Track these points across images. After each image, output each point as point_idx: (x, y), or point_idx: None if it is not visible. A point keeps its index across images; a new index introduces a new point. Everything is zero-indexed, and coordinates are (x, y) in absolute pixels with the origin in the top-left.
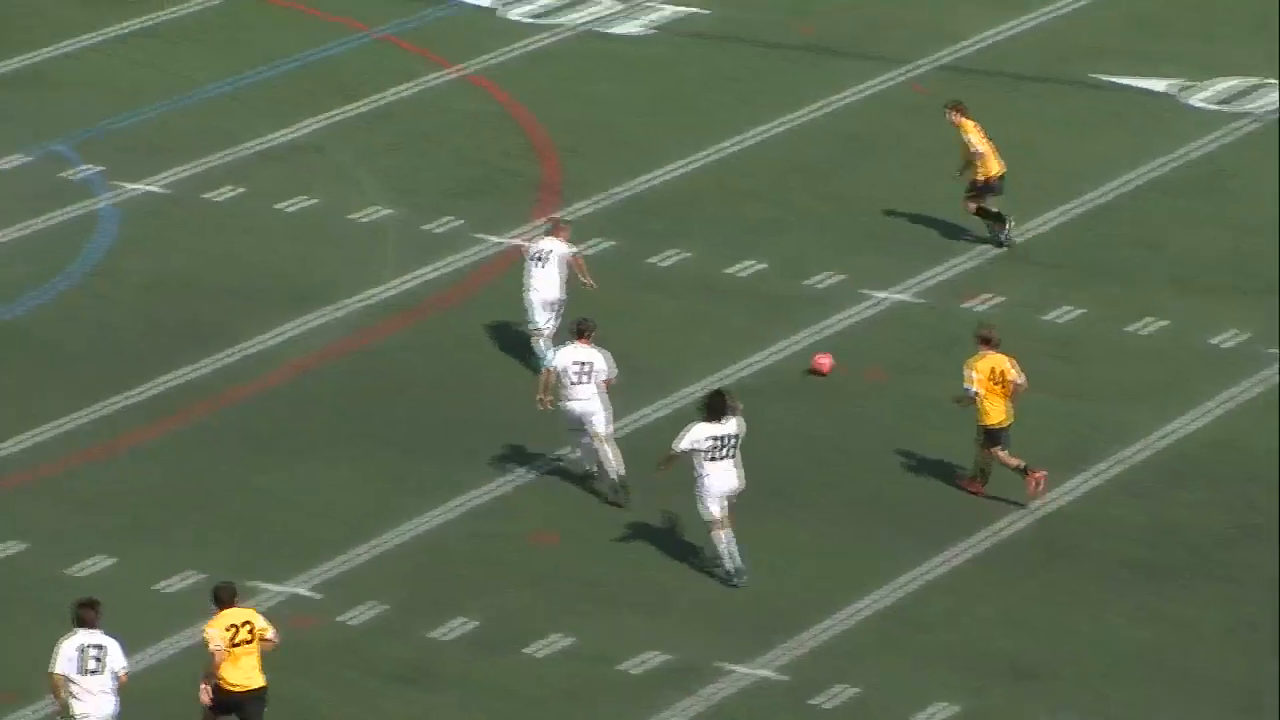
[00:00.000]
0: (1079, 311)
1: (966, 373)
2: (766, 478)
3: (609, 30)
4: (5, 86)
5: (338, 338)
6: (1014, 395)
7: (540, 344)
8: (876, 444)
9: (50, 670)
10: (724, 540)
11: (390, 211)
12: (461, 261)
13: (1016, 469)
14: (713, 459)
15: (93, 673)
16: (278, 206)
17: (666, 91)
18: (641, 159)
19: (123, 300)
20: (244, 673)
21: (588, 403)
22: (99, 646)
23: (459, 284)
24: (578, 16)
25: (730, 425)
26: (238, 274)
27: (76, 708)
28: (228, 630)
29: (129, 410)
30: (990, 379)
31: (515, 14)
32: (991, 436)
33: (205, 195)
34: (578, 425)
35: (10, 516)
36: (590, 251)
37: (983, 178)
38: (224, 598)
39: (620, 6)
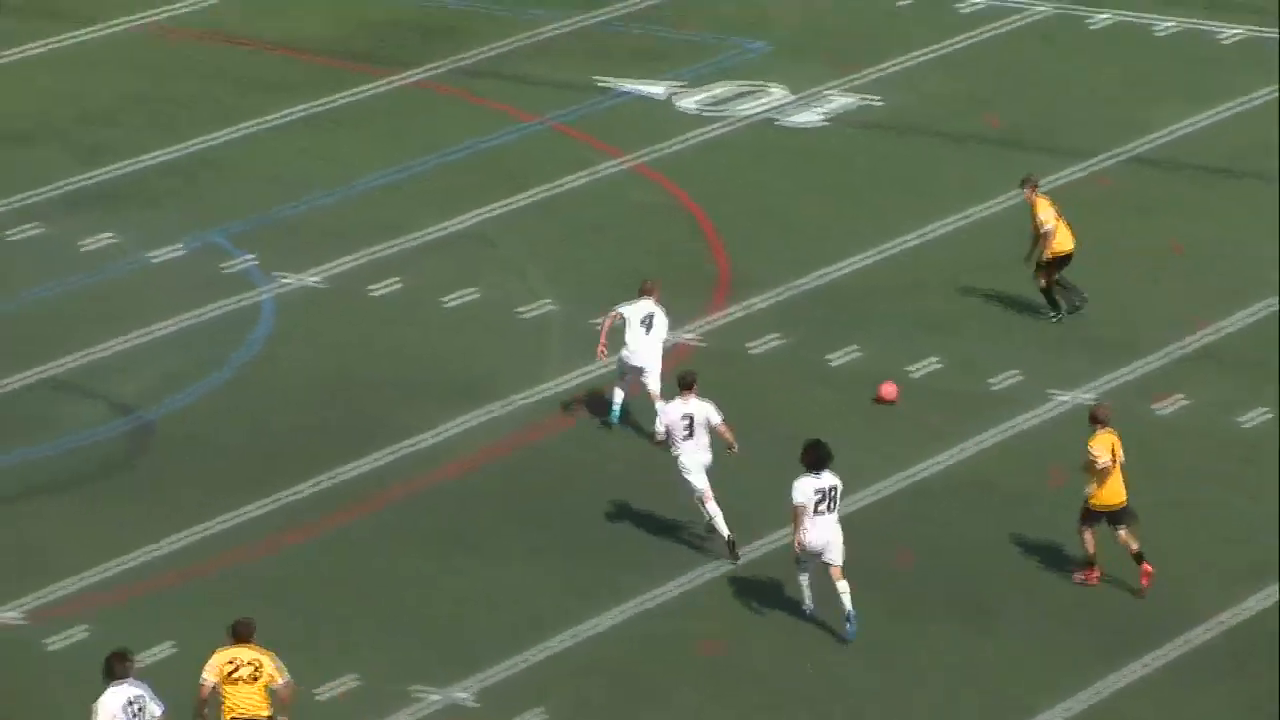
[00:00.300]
0: (1270, 414)
1: (1092, 449)
2: (949, 583)
3: (782, 120)
4: (163, 173)
5: (503, 434)
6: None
7: (617, 392)
8: (1063, 549)
9: None
10: (807, 583)
11: (557, 305)
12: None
13: (1135, 554)
14: (816, 513)
15: None
16: (442, 299)
17: (841, 183)
18: (815, 252)
19: (282, 394)
20: (247, 700)
21: (696, 455)
22: (139, 696)
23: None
24: (750, 106)
25: (830, 477)
26: (400, 368)
27: None
28: (228, 664)
29: (289, 508)
30: (1110, 456)
31: (687, 103)
32: (1112, 517)
33: (367, 288)
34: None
35: (164, 617)
36: (761, 348)
37: (1051, 254)
38: (241, 633)
39: (793, 96)
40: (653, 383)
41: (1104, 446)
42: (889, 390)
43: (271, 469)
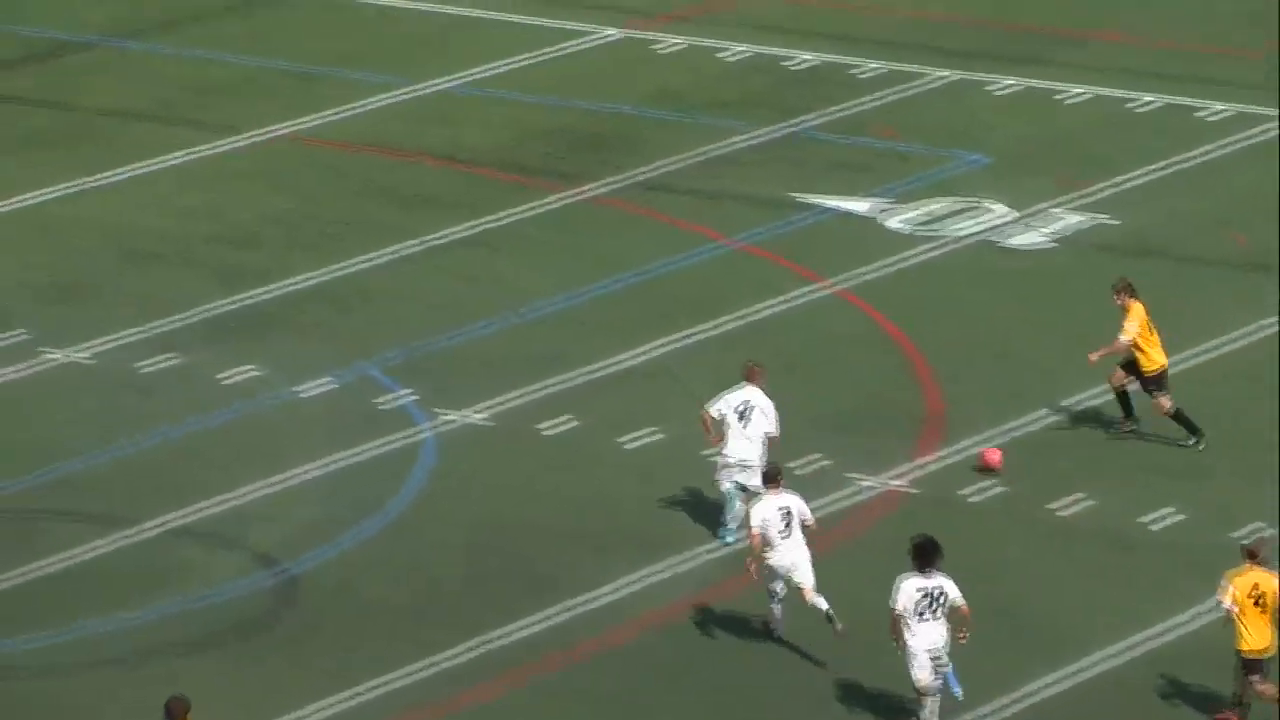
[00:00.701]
0: None
1: (1223, 584)
2: None
3: (1002, 241)
4: (311, 299)
5: (684, 591)
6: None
7: (737, 505)
8: None
9: None
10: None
11: None
12: (828, 506)
13: (1274, 702)
14: (921, 617)
15: None
16: (619, 440)
17: (1068, 312)
18: (1038, 389)
19: (441, 544)
20: None
21: (795, 552)
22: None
23: (823, 533)
24: (967, 225)
25: (938, 577)
26: (573, 515)
27: None
28: None
29: (447, 673)
30: (1249, 596)
31: (896, 222)
32: (1248, 665)
33: (537, 426)
34: (781, 578)
35: None
36: (979, 496)
37: (1147, 370)
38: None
39: (1015, 214)
40: (755, 480)
41: (1242, 587)
42: (993, 457)
43: (428, 628)
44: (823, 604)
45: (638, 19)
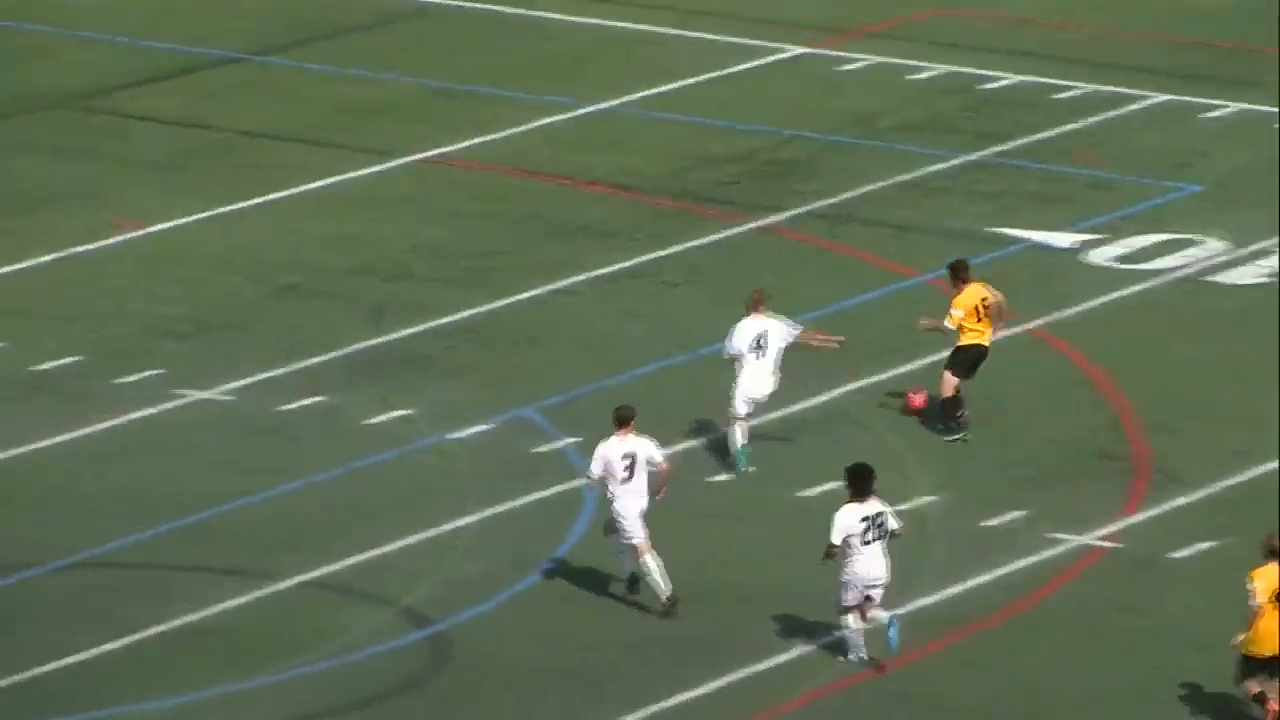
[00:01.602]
0: None
1: (1248, 586)
2: None
3: (1217, 278)
4: (467, 337)
5: (868, 654)
6: None
7: (738, 433)
8: None
9: None
10: (857, 629)
11: (938, 500)
12: (1024, 567)
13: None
14: (865, 542)
15: None
16: (796, 492)
17: None
18: (1255, 442)
19: (605, 603)
20: None
21: (636, 500)
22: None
23: (1018, 596)
24: (1177, 261)
25: (876, 503)
26: (749, 571)
27: None
28: None
29: None
30: (1273, 597)
31: (1099, 257)
32: (1258, 664)
33: (705, 477)
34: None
35: None
36: (1187, 555)
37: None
38: None
39: (1230, 250)
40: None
41: (1265, 583)
42: (919, 400)
43: (590, 695)
44: (658, 573)
45: (821, 36)
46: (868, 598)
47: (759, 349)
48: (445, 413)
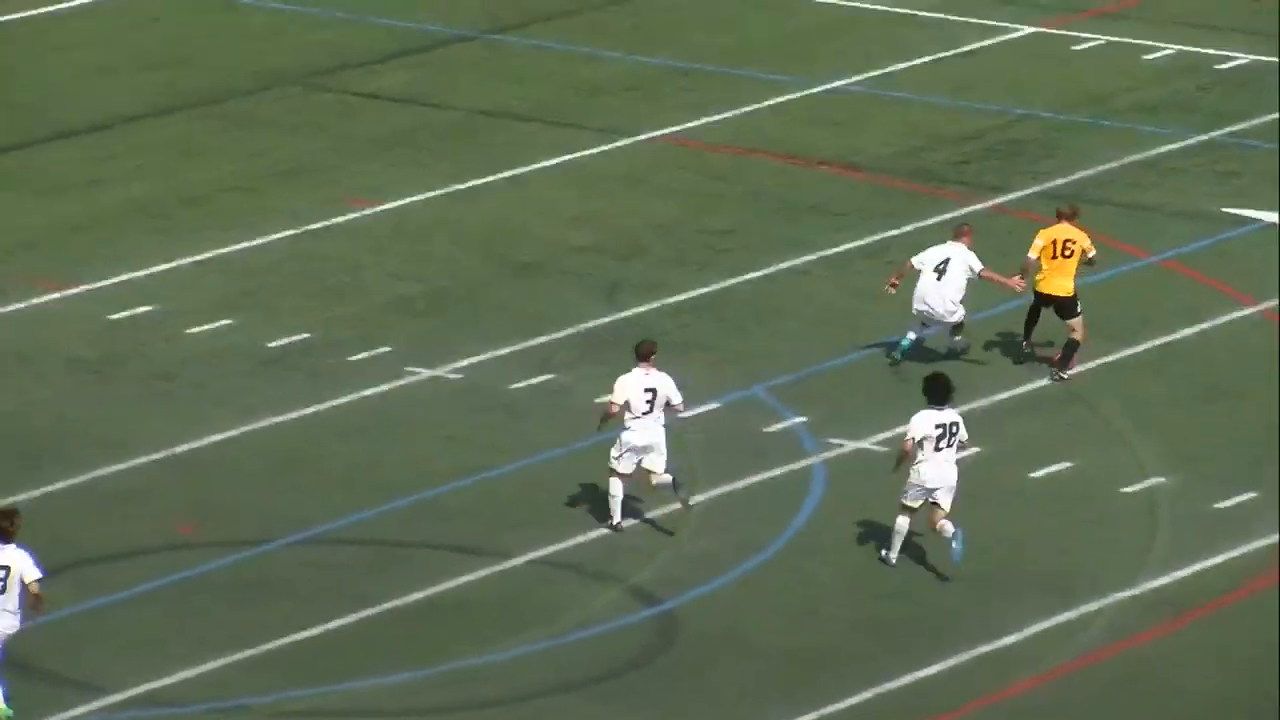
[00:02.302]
0: None
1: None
2: None
3: None
4: (697, 315)
5: (1096, 640)
6: None
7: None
8: None
9: None
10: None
11: (1170, 481)
12: (1257, 550)
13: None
14: (937, 449)
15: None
16: (1028, 472)
17: None
18: None
19: (831, 582)
20: None
21: (653, 432)
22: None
23: (1251, 578)
24: None
25: (952, 413)
26: (976, 554)
27: None
28: None
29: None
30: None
31: None
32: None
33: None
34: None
35: None
36: None
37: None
38: None
39: None
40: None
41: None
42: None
43: (818, 673)
44: (667, 479)
45: (1054, 15)
46: (935, 504)
47: (940, 271)
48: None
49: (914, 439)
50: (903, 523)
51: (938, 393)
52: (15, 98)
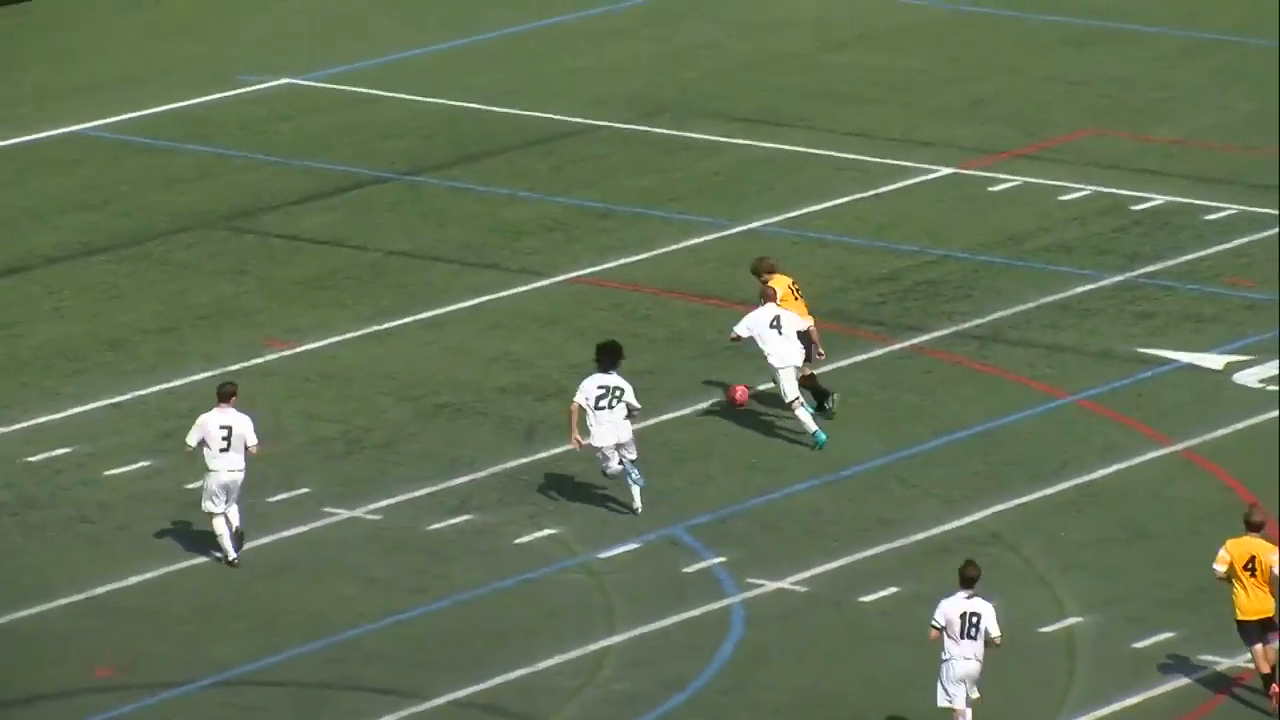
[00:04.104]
0: None
1: (1219, 553)
2: None
3: None
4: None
5: None
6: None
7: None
8: None
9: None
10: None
11: (1088, 621)
12: (1175, 690)
13: (1266, 674)
14: (598, 410)
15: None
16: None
17: None
18: None
19: None
20: None
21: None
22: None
23: (1172, 719)
24: None
25: (617, 378)
26: (895, 695)
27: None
28: None
29: None
30: (1242, 564)
31: (1251, 378)
32: (1241, 629)
33: (858, 598)
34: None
35: None
36: None
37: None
38: None
39: None
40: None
41: (1236, 553)
42: (737, 394)
43: None
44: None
45: (971, 156)
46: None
47: (778, 327)
48: (594, 531)
49: (581, 402)
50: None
51: (608, 358)
52: None
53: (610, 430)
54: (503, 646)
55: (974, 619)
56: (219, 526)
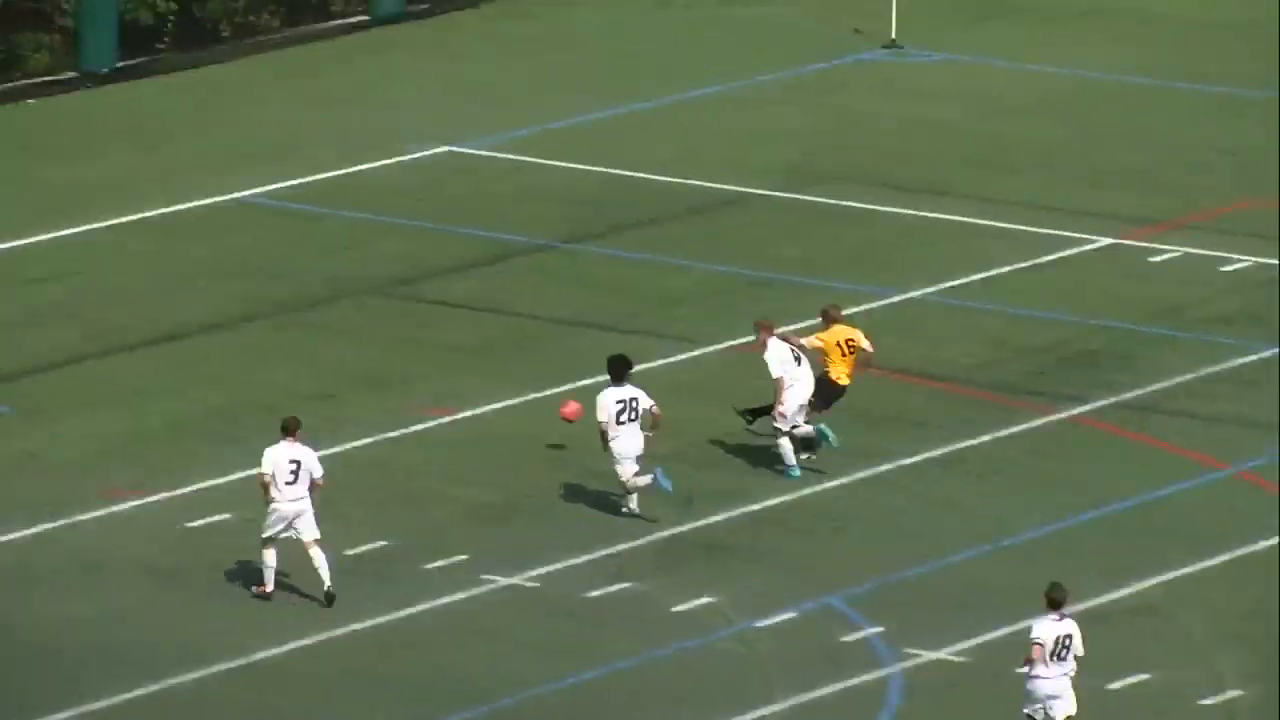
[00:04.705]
0: None
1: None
2: None
3: None
4: (773, 524)
5: None
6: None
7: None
8: None
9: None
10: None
11: (1248, 694)
12: None
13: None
14: (619, 423)
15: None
16: (1106, 684)
17: None
18: None
19: None
20: None
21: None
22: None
23: None
24: None
25: (631, 388)
26: None
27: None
28: None
29: None
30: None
31: None
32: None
33: (1014, 667)
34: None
35: None
36: None
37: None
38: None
39: None
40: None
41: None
42: (571, 411)
43: None
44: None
45: (1132, 226)
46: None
47: (800, 362)
48: (751, 600)
49: (604, 420)
50: (632, 496)
51: (619, 371)
52: (89, 309)
53: (632, 441)
54: (659, 715)
55: (1066, 640)
56: (270, 558)
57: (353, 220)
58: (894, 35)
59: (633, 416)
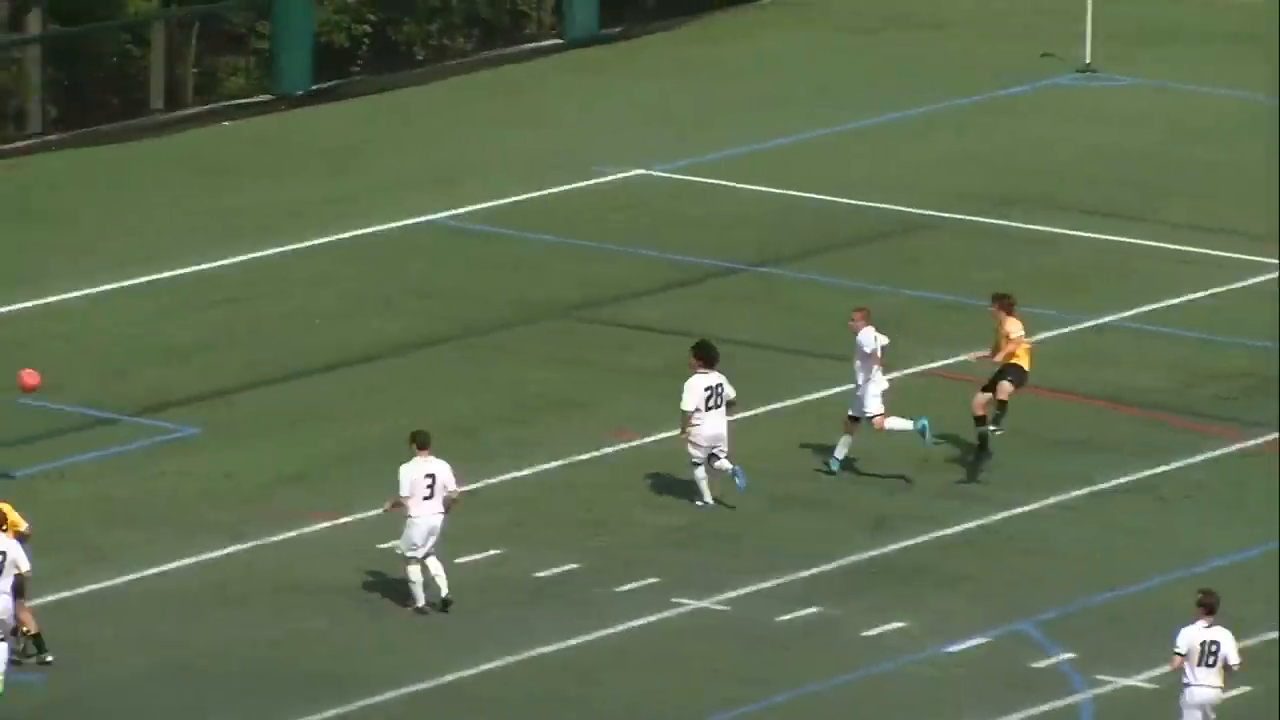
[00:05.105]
0: None
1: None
2: None
3: None
4: (964, 549)
5: None
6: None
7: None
8: None
9: None
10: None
11: None
12: None
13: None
14: (708, 409)
15: None
16: None
17: None
18: None
19: None
20: None
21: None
22: None
23: None
24: None
25: (717, 375)
26: None
27: None
28: None
29: None
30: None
31: None
32: None
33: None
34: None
35: None
36: None
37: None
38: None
39: None
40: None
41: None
42: (29, 380)
43: None
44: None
45: None
46: (713, 455)
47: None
48: (941, 625)
49: (691, 407)
50: (700, 473)
51: (708, 357)
52: (278, 331)
53: (715, 425)
54: None
55: (1213, 647)
56: (415, 574)
57: (543, 243)
58: (1088, 59)
59: (718, 403)
